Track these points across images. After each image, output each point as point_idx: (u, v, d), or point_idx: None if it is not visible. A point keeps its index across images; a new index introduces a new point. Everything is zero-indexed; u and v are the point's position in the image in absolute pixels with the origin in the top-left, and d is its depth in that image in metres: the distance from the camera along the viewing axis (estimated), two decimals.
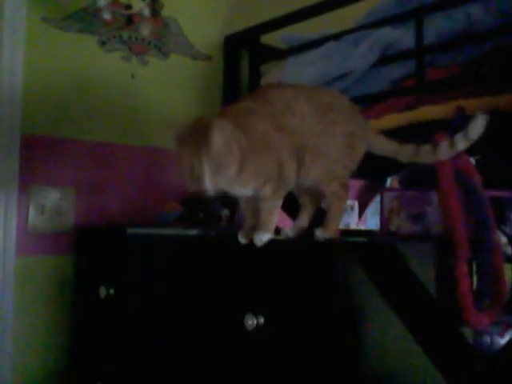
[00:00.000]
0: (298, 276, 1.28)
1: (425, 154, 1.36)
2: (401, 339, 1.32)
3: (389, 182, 2.50)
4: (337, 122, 1.36)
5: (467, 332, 1.45)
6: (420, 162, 1.37)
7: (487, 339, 1.69)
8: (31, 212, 1.97)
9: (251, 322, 1.30)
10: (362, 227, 2.77)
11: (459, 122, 1.45)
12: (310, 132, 1.34)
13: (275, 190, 1.32)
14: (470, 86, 1.51)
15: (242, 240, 1.37)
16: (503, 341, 1.71)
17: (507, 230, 1.91)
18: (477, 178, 1.45)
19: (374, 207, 2.87)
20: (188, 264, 1.58)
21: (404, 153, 1.39)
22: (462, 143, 1.32)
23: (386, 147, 1.41)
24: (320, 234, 1.32)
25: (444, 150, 1.34)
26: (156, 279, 1.66)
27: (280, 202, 1.35)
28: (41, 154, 1.99)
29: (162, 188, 2.20)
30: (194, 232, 1.73)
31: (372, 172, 2.26)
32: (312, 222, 1.44)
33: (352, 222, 2.69)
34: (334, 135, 1.35)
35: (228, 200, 1.99)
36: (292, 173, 1.34)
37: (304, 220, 1.45)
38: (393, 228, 1.54)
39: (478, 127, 1.28)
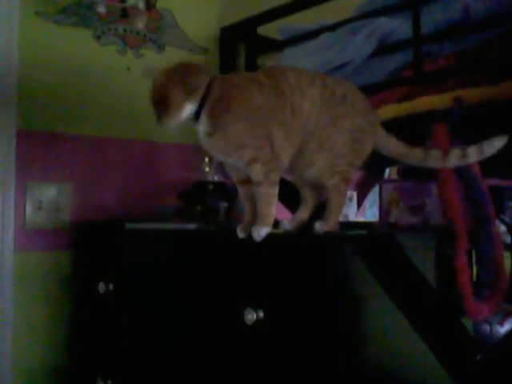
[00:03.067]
0: (297, 269, 1.28)
1: (434, 160, 1.35)
2: (401, 331, 1.31)
3: (387, 172, 2.49)
4: (347, 115, 1.34)
5: (467, 322, 1.45)
6: (428, 166, 1.37)
7: (487, 328, 1.69)
8: (28, 208, 1.96)
9: (251, 316, 1.29)
10: (361, 218, 2.77)
11: (457, 113, 1.44)
12: (319, 120, 1.33)
13: (267, 172, 1.29)
14: (467, 75, 1.49)
15: (241, 234, 1.36)
16: (503, 329, 1.71)
17: (506, 218, 1.91)
18: (476, 169, 1.45)
19: (372, 198, 2.86)
20: (187, 258, 1.57)
21: (413, 157, 1.38)
22: (473, 156, 1.31)
23: (395, 149, 1.40)
24: (319, 226, 1.32)
25: (454, 159, 1.33)
26: (155, 274, 1.66)
27: (275, 190, 1.32)
28: (37, 149, 1.98)
29: (160, 182, 2.20)
30: (192, 226, 1.72)
31: (370, 162, 2.25)
32: (312, 215, 1.43)
33: (351, 213, 2.69)
34: (341, 128, 1.33)
35: (226, 193, 1.99)
36: (285, 154, 1.32)
37: (304, 213, 1.44)
38: (392, 219, 1.54)
39: (493, 146, 1.28)
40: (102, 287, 1.75)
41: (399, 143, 1.39)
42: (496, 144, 1.27)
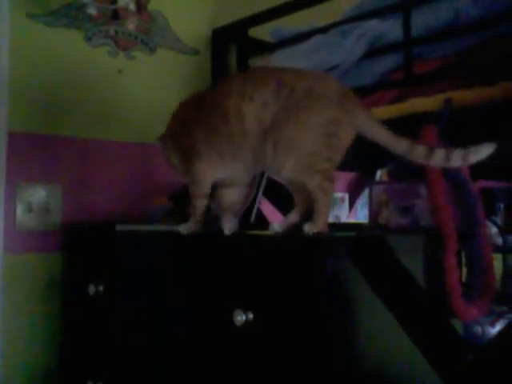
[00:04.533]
0: (286, 271, 1.28)
1: (418, 155, 1.29)
2: (391, 332, 1.32)
3: (379, 174, 2.49)
4: (313, 109, 1.29)
5: (457, 323, 1.45)
6: (411, 159, 1.31)
7: (478, 329, 1.70)
8: (18, 209, 1.95)
9: (240, 317, 1.29)
10: (353, 219, 2.77)
11: (447, 115, 1.45)
12: (275, 121, 1.30)
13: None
14: (458, 78, 1.50)
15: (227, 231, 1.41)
16: (494, 331, 1.72)
17: (498, 220, 1.92)
18: (465, 170, 1.45)
19: (364, 200, 2.87)
20: (177, 260, 1.57)
21: (398, 148, 1.31)
22: (457, 161, 1.25)
23: (379, 137, 1.33)
24: (308, 228, 1.31)
25: (438, 159, 1.26)
26: (145, 276, 1.66)
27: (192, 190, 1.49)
28: (27, 151, 1.98)
29: (151, 184, 2.19)
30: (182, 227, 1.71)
31: (362, 164, 2.26)
32: (304, 217, 1.43)
33: (342, 214, 2.70)
34: (306, 125, 1.29)
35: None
36: (224, 158, 1.40)
37: (294, 215, 1.42)
38: (382, 221, 1.54)
39: (480, 153, 1.23)
40: (92, 289, 1.74)
41: (385, 131, 1.32)
42: (483, 152, 1.22)
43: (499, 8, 1.50)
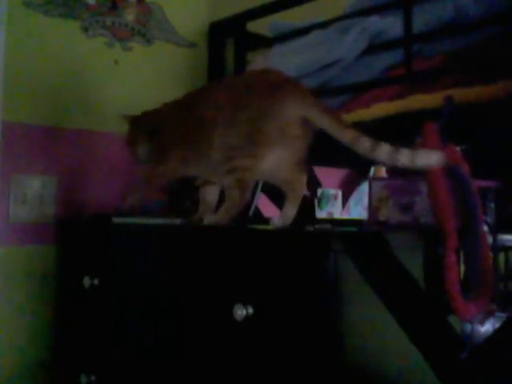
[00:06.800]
0: (287, 265, 1.27)
1: (362, 147, 1.25)
2: (390, 328, 1.32)
3: (372, 170, 2.50)
4: (243, 105, 1.34)
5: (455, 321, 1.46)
6: (355, 151, 1.27)
7: (468, 327, 1.70)
8: (12, 201, 1.92)
9: (240, 312, 1.29)
10: (346, 216, 2.78)
11: (448, 112, 1.45)
12: (227, 122, 1.37)
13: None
14: (459, 75, 1.50)
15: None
16: (483, 329, 1.72)
17: (488, 219, 1.92)
18: (464, 168, 1.45)
19: (356, 196, 2.88)
20: (174, 253, 1.56)
21: (342, 137, 1.27)
22: (402, 161, 1.23)
23: (325, 125, 1.30)
24: (207, 221, 1.47)
25: (382, 155, 1.24)
26: (141, 269, 1.64)
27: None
28: (22, 142, 1.95)
29: None
30: (178, 221, 1.70)
31: (355, 161, 2.25)
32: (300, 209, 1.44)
33: (336, 211, 2.70)
34: (237, 121, 1.34)
35: None
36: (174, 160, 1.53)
37: (289, 208, 1.46)
38: (382, 218, 1.54)
39: (428, 159, 1.23)
40: (87, 282, 1.73)
41: (330, 119, 1.29)
42: (431, 158, 1.23)
43: (500, 6, 1.50)
